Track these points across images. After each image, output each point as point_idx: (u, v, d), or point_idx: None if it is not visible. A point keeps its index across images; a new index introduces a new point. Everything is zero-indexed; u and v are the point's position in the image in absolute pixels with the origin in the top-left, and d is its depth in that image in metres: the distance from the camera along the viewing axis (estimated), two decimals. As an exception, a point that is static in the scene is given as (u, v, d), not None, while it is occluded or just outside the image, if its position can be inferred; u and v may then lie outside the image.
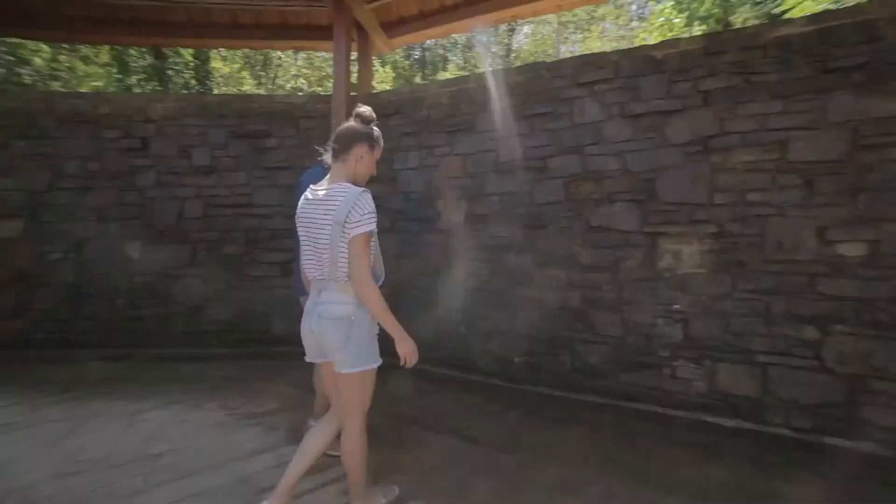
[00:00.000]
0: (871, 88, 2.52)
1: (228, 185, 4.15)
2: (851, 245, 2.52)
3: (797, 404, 2.55)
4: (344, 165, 1.63)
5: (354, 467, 1.69)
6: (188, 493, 1.92)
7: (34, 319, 3.83)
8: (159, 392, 3.01)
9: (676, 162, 2.96)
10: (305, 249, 1.65)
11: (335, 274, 1.55)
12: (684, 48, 3.02)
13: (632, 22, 14.26)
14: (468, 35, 12.35)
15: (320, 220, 1.56)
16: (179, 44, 4.99)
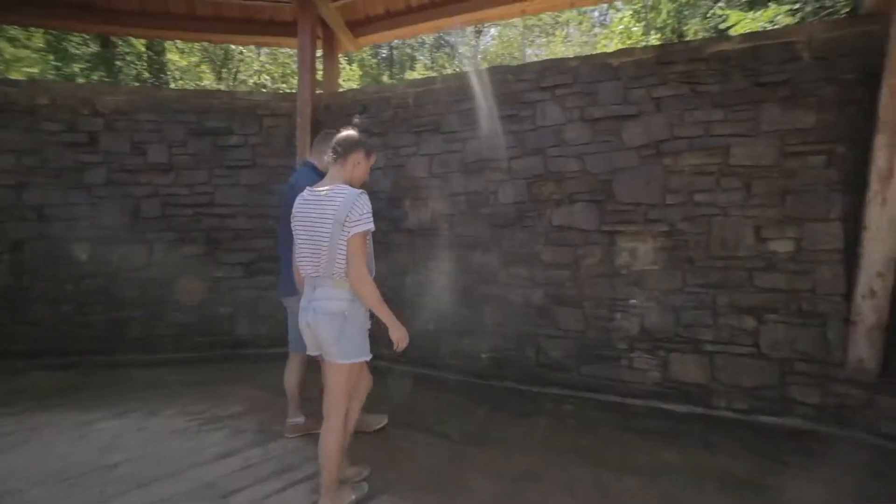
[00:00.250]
0: (793, 102, 2.79)
1: (188, 184, 3.99)
2: (781, 242, 2.78)
3: (739, 388, 2.78)
4: (342, 169, 1.75)
5: (330, 457, 1.74)
6: (148, 503, 1.86)
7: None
8: (114, 401, 2.87)
9: (632, 164, 3.14)
10: (302, 247, 1.71)
11: (331, 270, 1.64)
12: (638, 57, 3.21)
13: (594, 28, 14.81)
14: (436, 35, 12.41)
15: (320, 219, 1.65)
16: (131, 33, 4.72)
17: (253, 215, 4.15)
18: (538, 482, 2.04)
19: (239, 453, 2.28)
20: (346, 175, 1.75)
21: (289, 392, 2.50)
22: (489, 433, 2.55)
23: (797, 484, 2.05)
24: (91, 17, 4.28)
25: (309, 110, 3.99)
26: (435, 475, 2.11)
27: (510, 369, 3.29)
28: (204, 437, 2.43)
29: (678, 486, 2.02)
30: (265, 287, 4.14)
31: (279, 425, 2.60)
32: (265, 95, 4.24)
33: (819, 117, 2.77)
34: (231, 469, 2.14)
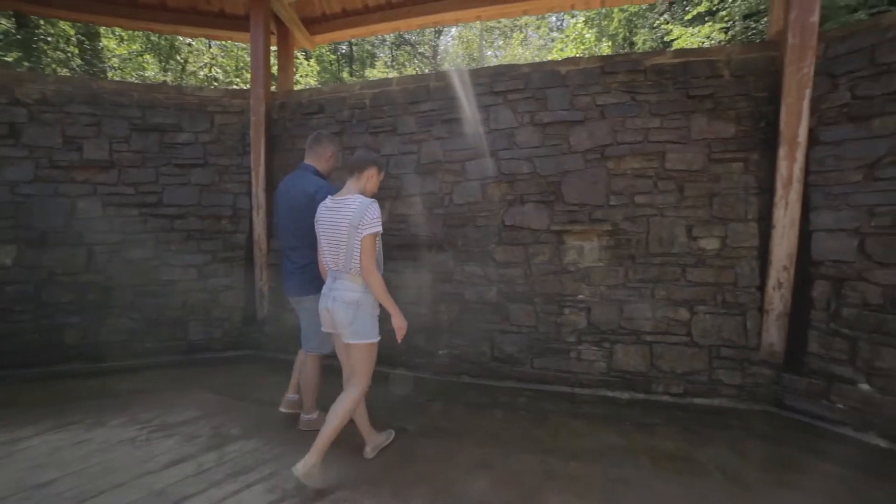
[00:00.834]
0: (717, 114, 3.08)
1: (133, 182, 3.79)
2: (709, 240, 3.06)
3: (674, 374, 3.03)
4: (357, 182, 2.11)
5: (333, 427, 2.00)
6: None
7: None
8: (47, 414, 2.69)
9: (578, 167, 3.33)
10: (324, 247, 2.08)
11: (349, 266, 1.99)
12: (584, 66, 3.41)
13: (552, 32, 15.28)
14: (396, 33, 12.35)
15: (338, 223, 1.99)
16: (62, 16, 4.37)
17: (206, 216, 4.02)
18: (490, 469, 2.16)
19: (192, 459, 2.23)
20: (359, 187, 2.10)
21: (308, 390, 2.54)
22: (444, 426, 2.65)
23: (715, 453, 2.30)
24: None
25: (263, 108, 3.91)
26: (390, 467, 2.18)
27: (466, 365, 3.40)
28: (155, 445, 2.36)
29: (617, 464, 2.20)
30: (220, 290, 4.03)
31: (236, 428, 2.58)
32: (217, 92, 4.10)
33: (738, 128, 3.08)
34: (184, 475, 2.10)
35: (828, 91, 2.83)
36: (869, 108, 2.64)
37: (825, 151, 2.81)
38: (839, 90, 2.79)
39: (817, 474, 2.12)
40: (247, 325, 4.09)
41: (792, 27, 2.79)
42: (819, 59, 2.86)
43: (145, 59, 7.82)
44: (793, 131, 2.83)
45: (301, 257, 2.49)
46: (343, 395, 2.08)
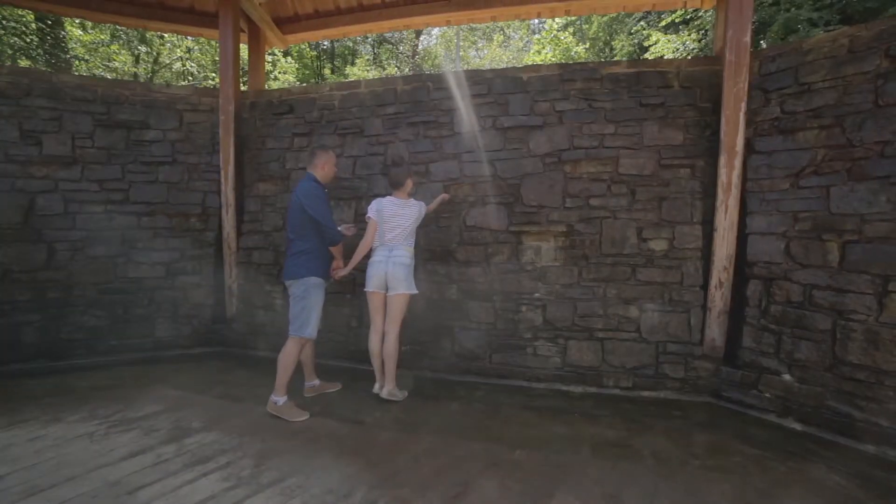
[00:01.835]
0: (667, 122, 3.26)
1: (97, 179, 3.77)
2: (658, 242, 3.24)
3: (624, 368, 3.21)
4: (404, 190, 3.05)
5: (393, 361, 2.95)
6: None
7: None
8: (7, 412, 2.71)
9: (537, 170, 3.48)
10: (387, 228, 2.96)
11: (409, 241, 2.99)
12: (544, 73, 3.55)
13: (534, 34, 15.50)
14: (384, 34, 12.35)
15: (403, 213, 2.97)
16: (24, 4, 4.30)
17: (174, 214, 4.02)
18: (437, 457, 2.27)
19: (151, 451, 2.28)
20: (408, 191, 3.07)
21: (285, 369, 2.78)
22: (402, 418, 2.75)
23: (652, 440, 2.46)
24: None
25: (232, 107, 3.94)
26: (341, 455, 2.27)
27: (428, 360, 3.52)
28: (113, 439, 2.39)
29: (559, 452, 2.34)
30: (188, 287, 4.04)
31: (197, 422, 2.63)
32: (186, 89, 4.10)
33: (686, 136, 3.27)
34: (141, 466, 2.14)
35: (762, 105, 3.04)
36: (794, 123, 2.85)
37: (760, 161, 3.01)
38: (771, 105, 3.00)
39: (738, 456, 2.31)
40: (216, 323, 4.11)
41: (728, 45, 2.99)
42: (755, 75, 3.06)
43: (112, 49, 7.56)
44: (731, 141, 3.03)
45: (294, 247, 2.87)
46: (386, 340, 2.94)
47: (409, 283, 2.93)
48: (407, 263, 2.93)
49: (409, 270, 2.94)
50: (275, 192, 4.06)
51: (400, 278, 2.88)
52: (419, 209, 3.06)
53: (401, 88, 3.86)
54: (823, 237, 2.68)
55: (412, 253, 3.01)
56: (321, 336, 3.84)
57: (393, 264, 2.89)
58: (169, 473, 2.09)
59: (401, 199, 3.02)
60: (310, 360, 3.06)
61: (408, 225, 2.98)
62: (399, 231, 2.96)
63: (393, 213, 2.98)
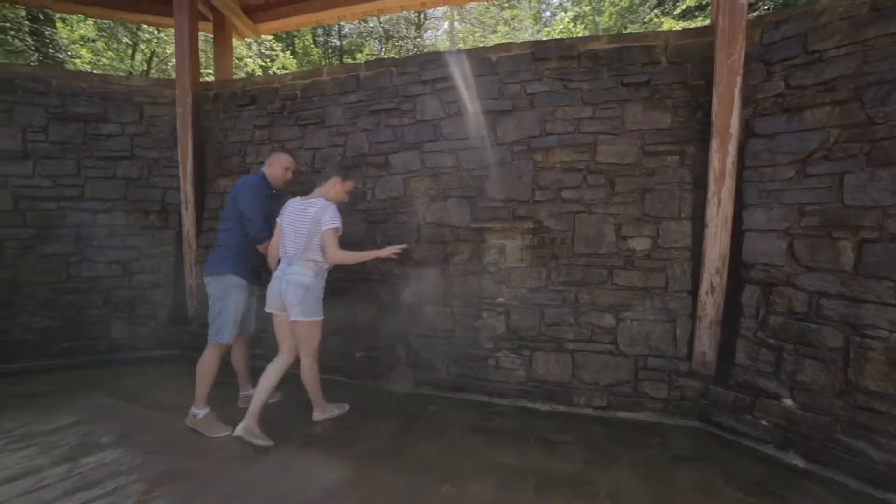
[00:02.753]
0: (653, 103, 2.83)
1: (51, 175, 3.66)
2: (639, 240, 2.81)
3: (597, 385, 2.79)
4: (322, 188, 2.55)
5: (312, 387, 2.58)
6: None
7: None
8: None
9: (505, 160, 3.11)
10: (286, 236, 2.43)
11: (305, 255, 2.39)
12: (515, 52, 3.18)
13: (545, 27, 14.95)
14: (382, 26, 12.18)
15: (303, 220, 2.39)
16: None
17: (132, 210, 3.88)
18: (354, 489, 1.95)
19: (35, 474, 2.05)
20: (324, 192, 2.52)
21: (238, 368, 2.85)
22: (333, 436, 2.45)
23: (616, 477, 2.05)
24: None
25: (189, 99, 3.75)
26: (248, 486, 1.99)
27: (382, 369, 3.20)
28: (6, 458, 2.20)
29: (497, 488, 1.98)
30: (146, 287, 3.89)
31: (108, 436, 2.41)
32: (146, 81, 3.97)
33: (674, 119, 2.83)
34: (12, 494, 1.92)
35: (764, 80, 2.57)
36: (801, 99, 2.38)
37: (760, 145, 2.54)
38: (774, 79, 2.53)
39: (720, 500, 1.88)
40: (174, 324, 3.94)
41: (721, 8, 2.53)
42: (756, 46, 2.60)
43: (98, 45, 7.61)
44: (724, 122, 2.57)
45: (218, 240, 2.69)
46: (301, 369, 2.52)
47: (307, 307, 2.36)
48: (303, 283, 2.35)
49: (308, 293, 2.36)
50: (233, 187, 3.85)
51: (293, 301, 2.34)
52: (317, 212, 2.35)
53: (363, 75, 3.57)
54: (834, 235, 2.20)
55: (315, 270, 2.41)
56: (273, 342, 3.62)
57: (286, 283, 2.36)
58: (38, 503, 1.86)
59: (307, 199, 2.47)
60: (244, 367, 2.80)
61: (303, 233, 2.38)
62: (296, 240, 2.40)
63: (293, 219, 2.43)
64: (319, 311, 2.45)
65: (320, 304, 2.46)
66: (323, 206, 2.40)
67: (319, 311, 2.45)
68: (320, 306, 2.46)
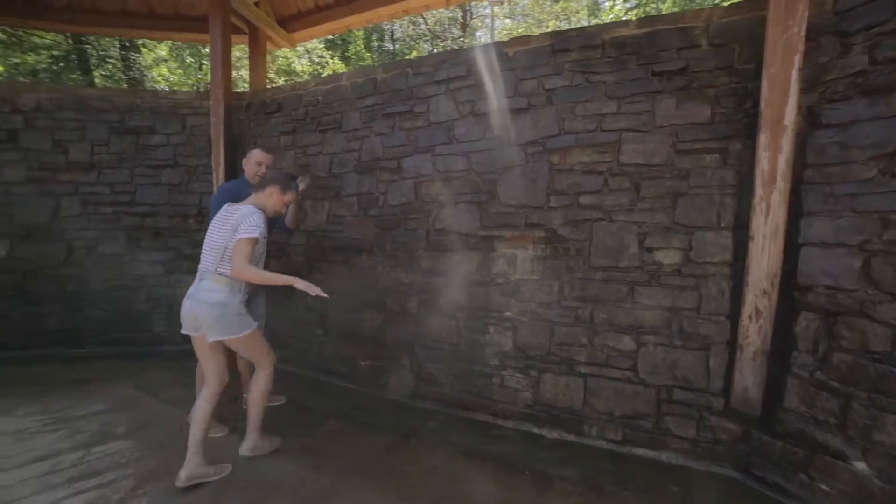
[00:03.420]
0: (690, 94, 2.44)
1: (109, 182, 4.07)
2: (667, 252, 2.44)
3: (612, 416, 2.47)
4: (259, 195, 2.23)
5: (254, 407, 2.29)
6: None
7: None
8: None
9: (518, 162, 2.87)
10: (204, 249, 2.15)
11: (216, 268, 2.07)
12: (534, 45, 2.93)
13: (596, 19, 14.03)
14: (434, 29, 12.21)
15: (223, 227, 2.10)
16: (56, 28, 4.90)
17: (173, 214, 4.19)
18: None
19: (54, 457, 2.26)
20: (259, 200, 2.21)
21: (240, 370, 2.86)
22: (320, 448, 2.40)
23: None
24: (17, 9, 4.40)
25: (221, 109, 3.96)
26: (221, 487, 1.99)
27: (387, 379, 3.12)
28: (37, 440, 2.43)
29: (472, 526, 1.80)
30: (183, 285, 4.17)
31: (123, 426, 2.59)
32: (189, 94, 4.26)
33: (716, 111, 2.41)
34: (33, 474, 2.11)
35: (837, 55, 2.08)
36: (893, 77, 1.88)
37: (827, 137, 2.07)
38: (852, 54, 2.04)
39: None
40: (210, 321, 4.19)
41: (774, -30, 2.10)
42: (826, 13, 2.12)
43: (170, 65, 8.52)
44: (777, 112, 2.13)
45: None
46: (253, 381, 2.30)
47: (229, 326, 2.05)
48: (216, 301, 2.02)
49: (225, 311, 2.03)
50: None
51: (208, 322, 2.02)
52: (238, 220, 2.04)
53: (380, 77, 3.51)
54: (924, 253, 1.71)
55: (229, 286, 2.06)
56: (286, 343, 3.70)
57: (196, 302, 2.04)
58: (47, 487, 2.03)
59: (235, 206, 2.15)
60: (247, 370, 2.87)
61: (217, 243, 2.07)
62: (210, 252, 2.09)
63: (214, 228, 2.13)
64: (248, 324, 2.13)
65: (244, 318, 2.13)
66: (246, 212, 2.06)
67: (248, 324, 2.14)
68: (247, 319, 2.14)
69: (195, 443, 2.06)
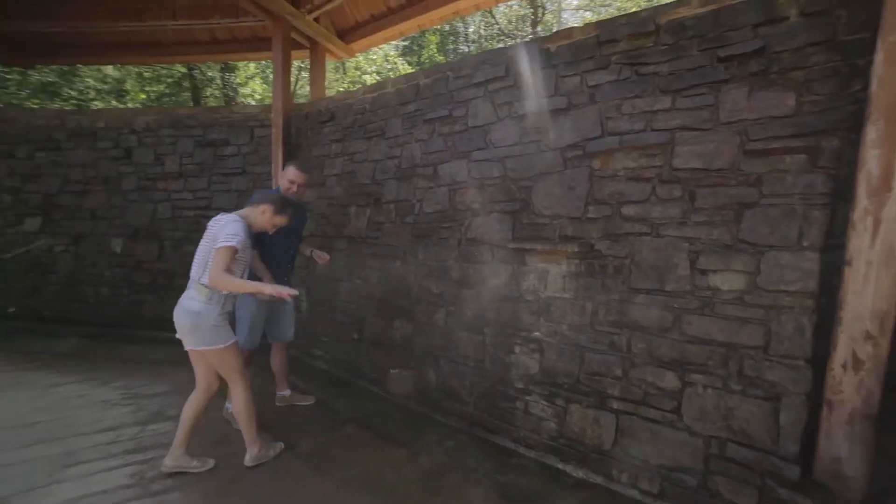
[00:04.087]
0: (768, 81, 1.99)
1: (192, 190, 4.64)
2: (726, 276, 2.02)
3: (647, 464, 2.13)
4: (253, 210, 2.26)
5: (243, 420, 2.27)
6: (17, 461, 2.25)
7: (44, 299, 4.73)
8: (91, 369, 3.53)
9: (556, 168, 2.62)
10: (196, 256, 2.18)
11: (199, 277, 2.12)
12: (577, 38, 2.65)
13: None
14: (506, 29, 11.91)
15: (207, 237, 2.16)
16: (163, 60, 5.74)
17: (241, 218, 4.64)
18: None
19: (118, 430, 2.61)
20: (249, 213, 2.24)
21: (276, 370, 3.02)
22: (333, 453, 2.44)
23: None
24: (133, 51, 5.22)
25: (281, 120, 4.25)
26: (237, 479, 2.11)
27: (412, 389, 3.06)
28: (114, 410, 2.85)
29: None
30: (250, 282, 4.60)
31: (175, 409, 2.88)
32: (257, 108, 4.66)
33: (804, 99, 1.94)
34: (99, 442, 2.47)
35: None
36: None
37: (963, 131, 1.53)
38: None
39: None
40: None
41: None
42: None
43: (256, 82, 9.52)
44: (894, 97, 1.63)
45: None
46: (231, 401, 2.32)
47: (203, 336, 2.07)
48: (192, 310, 2.07)
49: (200, 321, 2.06)
50: (313, 198, 4.22)
51: (184, 329, 2.10)
52: (218, 229, 2.08)
53: (423, 83, 3.47)
54: None
55: (207, 296, 2.08)
56: (326, 345, 3.83)
57: (178, 308, 2.13)
58: (106, 455, 2.35)
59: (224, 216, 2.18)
60: (279, 370, 3.02)
61: (202, 252, 2.13)
62: (196, 260, 2.16)
63: (204, 237, 2.18)
64: (223, 337, 2.12)
65: (220, 330, 2.13)
66: (227, 221, 2.09)
67: (223, 338, 2.12)
68: (223, 333, 2.13)
69: (180, 437, 2.19)
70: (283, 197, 2.36)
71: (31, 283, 4.74)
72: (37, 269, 4.76)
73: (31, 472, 2.17)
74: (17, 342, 4.20)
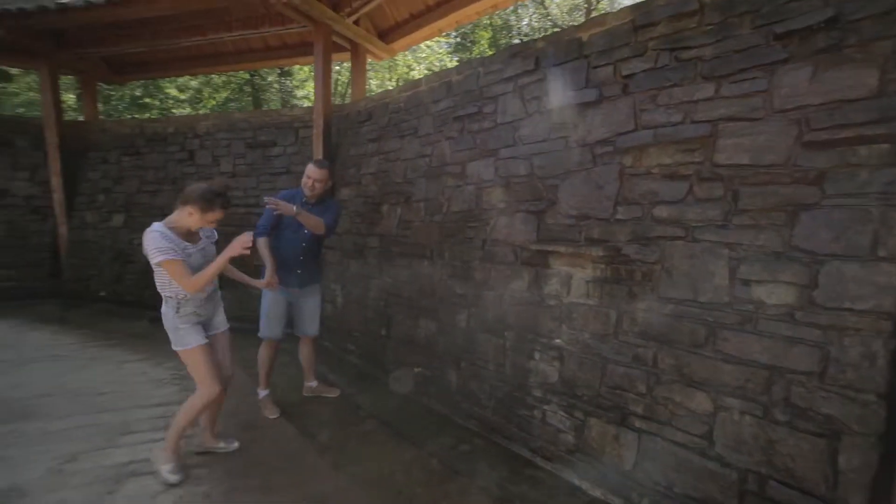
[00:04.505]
0: (839, 57, 1.70)
1: (243, 188, 4.97)
2: (773, 288, 1.76)
3: (670, 491, 1.92)
4: (179, 213, 2.14)
5: (179, 422, 2.22)
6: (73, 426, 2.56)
7: (126, 286, 5.33)
8: (153, 349, 3.92)
9: (584, 165, 2.46)
10: None
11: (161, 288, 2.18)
12: (611, 25, 2.46)
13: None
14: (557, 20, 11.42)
15: None
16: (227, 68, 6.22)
17: (282, 215, 4.90)
18: None
19: (166, 406, 2.88)
20: (178, 218, 2.13)
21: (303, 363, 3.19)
22: (351, 448, 2.50)
23: None
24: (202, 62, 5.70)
25: (321, 120, 4.41)
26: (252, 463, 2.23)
27: (434, 389, 3.04)
28: (166, 388, 3.15)
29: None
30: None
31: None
32: (301, 110, 4.88)
33: (889, 77, 1.62)
34: (151, 416, 2.75)
35: None
36: None
37: None
38: None
39: None
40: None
41: None
42: None
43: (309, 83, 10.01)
44: None
45: None
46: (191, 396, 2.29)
47: (170, 336, 2.19)
48: (161, 312, 2.22)
49: (166, 322, 2.20)
50: (350, 196, 4.34)
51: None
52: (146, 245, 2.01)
53: (454, 80, 3.41)
54: None
55: (165, 299, 2.18)
56: (358, 340, 3.92)
57: None
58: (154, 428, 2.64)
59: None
60: (306, 362, 3.14)
61: None
62: None
63: None
64: (185, 340, 2.16)
65: (181, 333, 2.17)
66: (149, 238, 2.00)
67: (185, 341, 2.16)
68: (184, 336, 2.17)
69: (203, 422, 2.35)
70: (208, 191, 2.13)
71: (117, 272, 5.38)
72: (121, 259, 5.40)
73: (95, 434, 2.50)
74: (102, 323, 4.80)
